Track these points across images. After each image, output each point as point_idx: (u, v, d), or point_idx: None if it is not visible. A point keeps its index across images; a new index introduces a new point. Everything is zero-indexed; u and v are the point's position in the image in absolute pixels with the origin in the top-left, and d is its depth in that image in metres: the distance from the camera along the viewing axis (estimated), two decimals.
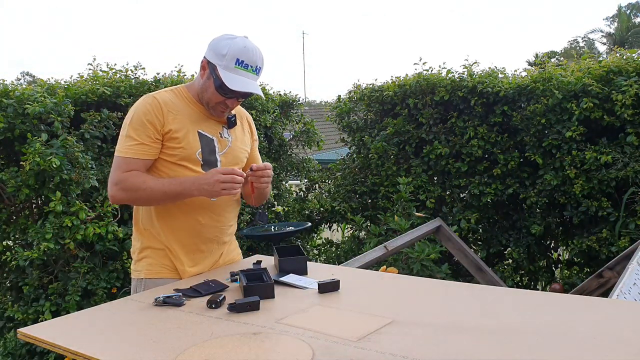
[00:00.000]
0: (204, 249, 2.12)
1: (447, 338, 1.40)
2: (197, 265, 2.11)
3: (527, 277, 4.97)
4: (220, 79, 1.94)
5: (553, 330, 1.42)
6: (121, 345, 1.45)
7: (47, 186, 3.89)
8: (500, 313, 1.59)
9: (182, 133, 2.00)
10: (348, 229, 6.06)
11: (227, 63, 1.94)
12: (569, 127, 4.39)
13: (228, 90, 1.96)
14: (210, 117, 2.09)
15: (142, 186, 1.94)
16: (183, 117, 2.02)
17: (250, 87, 1.97)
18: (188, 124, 2.02)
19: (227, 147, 2.12)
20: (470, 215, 4.83)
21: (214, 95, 2.01)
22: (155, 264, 2.07)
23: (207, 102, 2.05)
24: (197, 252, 2.10)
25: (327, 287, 1.81)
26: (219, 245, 2.18)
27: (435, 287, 1.91)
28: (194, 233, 2.08)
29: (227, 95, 2.00)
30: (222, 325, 1.54)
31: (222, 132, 2.12)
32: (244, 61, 1.95)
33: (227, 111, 2.09)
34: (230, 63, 1.94)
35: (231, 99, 2.02)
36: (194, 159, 2.02)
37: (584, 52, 5.04)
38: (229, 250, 2.25)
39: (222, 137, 2.11)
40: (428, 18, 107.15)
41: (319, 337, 1.43)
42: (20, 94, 4.01)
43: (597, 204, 4.33)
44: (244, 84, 1.95)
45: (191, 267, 2.09)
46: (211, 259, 2.16)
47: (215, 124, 2.11)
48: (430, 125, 5.12)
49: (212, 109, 2.06)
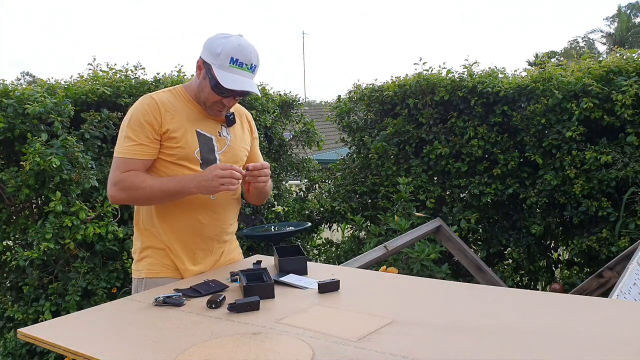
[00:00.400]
0: (204, 247, 2.12)
1: (447, 338, 1.40)
2: (198, 264, 2.11)
3: (527, 277, 4.97)
4: (215, 78, 1.94)
5: (553, 330, 1.42)
6: (121, 345, 1.45)
7: (47, 186, 3.89)
8: (500, 313, 1.58)
9: (180, 132, 2.01)
10: (348, 229, 6.06)
11: (222, 62, 1.94)
12: (569, 127, 4.39)
13: (223, 89, 1.96)
14: (208, 116, 2.10)
15: (141, 185, 1.94)
16: (181, 116, 2.03)
17: (246, 86, 1.97)
18: (186, 124, 2.03)
19: (226, 145, 2.12)
20: (470, 215, 4.83)
21: (211, 95, 2.01)
22: (156, 263, 2.08)
23: (204, 101, 2.05)
24: (198, 251, 2.10)
25: (327, 287, 1.81)
26: (220, 244, 2.18)
27: (435, 287, 1.91)
28: (194, 232, 2.08)
29: (223, 94, 2.00)
30: (222, 325, 1.54)
31: (221, 131, 2.13)
32: (238, 59, 1.94)
33: (225, 110, 2.09)
34: (224, 62, 1.94)
35: (227, 98, 2.02)
36: (192, 158, 2.02)
37: (584, 52, 5.04)
38: (229, 249, 2.25)
39: (220, 136, 2.12)
40: (428, 18, 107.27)
41: (319, 337, 1.43)
42: (20, 94, 4.01)
43: (597, 204, 4.33)
44: (240, 83, 1.95)
45: (192, 267, 2.09)
46: (212, 258, 2.16)
47: (214, 122, 2.12)
48: (430, 125, 5.12)
49: (210, 108, 2.06)
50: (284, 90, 6.62)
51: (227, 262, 2.22)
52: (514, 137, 4.83)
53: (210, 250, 2.14)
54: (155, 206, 2.06)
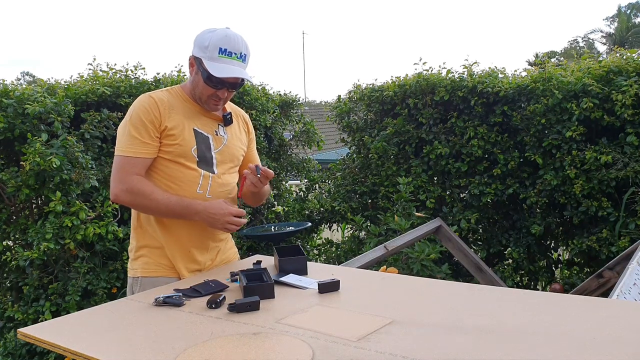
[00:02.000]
0: (199, 246, 2.14)
1: (447, 338, 1.40)
2: (193, 262, 2.12)
3: (527, 277, 4.97)
4: (207, 70, 1.97)
5: (553, 331, 1.42)
6: (121, 345, 1.45)
7: (47, 186, 3.89)
8: (500, 313, 1.58)
9: (178, 130, 2.04)
10: (348, 229, 6.06)
11: (211, 54, 1.97)
12: (569, 127, 4.39)
13: (215, 79, 1.98)
14: (205, 115, 2.12)
15: (149, 196, 1.99)
16: (178, 114, 2.06)
17: (236, 72, 1.99)
18: (184, 121, 2.06)
19: (223, 144, 2.15)
20: (470, 215, 4.83)
21: (205, 89, 2.04)
22: (152, 262, 2.10)
23: (199, 97, 2.08)
24: (193, 249, 2.12)
25: (327, 287, 1.81)
26: (215, 243, 2.20)
27: (435, 287, 1.91)
28: (188, 230, 2.10)
29: (217, 86, 2.02)
30: (222, 325, 1.54)
31: (218, 130, 2.15)
32: (227, 49, 1.98)
33: (220, 104, 2.11)
34: (213, 53, 1.97)
35: (221, 90, 2.05)
36: (189, 155, 2.05)
37: (584, 52, 5.04)
38: (225, 248, 2.27)
39: (217, 135, 2.14)
40: (428, 18, 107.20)
41: (319, 337, 1.43)
42: (20, 94, 4.01)
43: (597, 204, 4.33)
44: (230, 71, 1.98)
45: (188, 264, 2.11)
46: (207, 256, 2.17)
47: (211, 122, 2.14)
48: (430, 125, 5.12)
49: (206, 103, 2.09)
50: (284, 90, 6.64)
51: (222, 261, 2.24)
52: (514, 137, 4.83)
53: (205, 249, 2.16)
54: None
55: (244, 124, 2.32)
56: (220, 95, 2.06)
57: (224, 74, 1.97)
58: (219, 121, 2.17)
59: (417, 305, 1.69)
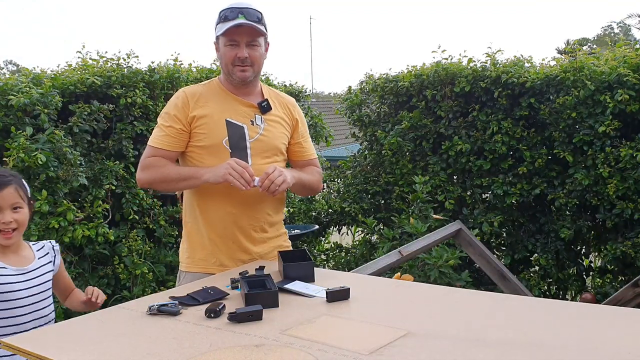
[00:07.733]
0: (242, 238, 2.30)
1: (467, 352, 1.40)
2: (242, 252, 2.30)
3: (555, 286, 4.96)
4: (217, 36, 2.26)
5: (584, 345, 1.42)
6: (112, 357, 1.45)
7: (32, 184, 3.91)
8: (525, 325, 1.58)
9: (206, 120, 2.25)
10: (359, 232, 6.06)
11: (219, 20, 2.24)
12: (602, 121, 4.38)
13: (225, 32, 2.19)
14: (241, 104, 2.30)
15: (160, 167, 2.23)
16: (211, 107, 2.27)
17: (239, 21, 2.18)
18: (216, 113, 2.26)
19: (258, 134, 2.30)
20: (493, 218, 4.83)
21: (225, 56, 2.25)
22: (196, 257, 2.32)
23: (227, 70, 2.28)
24: (232, 243, 2.29)
25: (336, 296, 1.82)
26: (259, 233, 2.34)
27: (455, 297, 1.91)
28: (227, 223, 2.27)
29: (231, 42, 2.22)
30: (222, 336, 1.55)
31: (254, 120, 2.31)
32: (230, 9, 2.22)
33: (248, 69, 2.25)
34: (221, 19, 2.23)
35: (238, 47, 2.22)
36: (221, 146, 2.24)
37: (619, 39, 5.02)
38: (276, 240, 2.41)
39: (253, 125, 2.30)
40: (448, 1, 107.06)
41: (327, 350, 1.43)
42: (3, 84, 4.03)
43: (632, 205, 4.31)
44: (235, 21, 2.18)
45: (235, 253, 2.29)
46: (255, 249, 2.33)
47: (248, 110, 2.31)
48: (450, 119, 5.12)
49: (233, 73, 2.26)
50: (290, 80, 6.61)
51: (277, 247, 2.37)
52: (542, 132, 4.82)
53: (251, 241, 2.32)
54: (196, 199, 2.30)
55: (286, 110, 2.43)
56: (239, 55, 2.21)
57: (230, 24, 2.18)
58: (255, 109, 2.32)
59: (434, 316, 1.69)
